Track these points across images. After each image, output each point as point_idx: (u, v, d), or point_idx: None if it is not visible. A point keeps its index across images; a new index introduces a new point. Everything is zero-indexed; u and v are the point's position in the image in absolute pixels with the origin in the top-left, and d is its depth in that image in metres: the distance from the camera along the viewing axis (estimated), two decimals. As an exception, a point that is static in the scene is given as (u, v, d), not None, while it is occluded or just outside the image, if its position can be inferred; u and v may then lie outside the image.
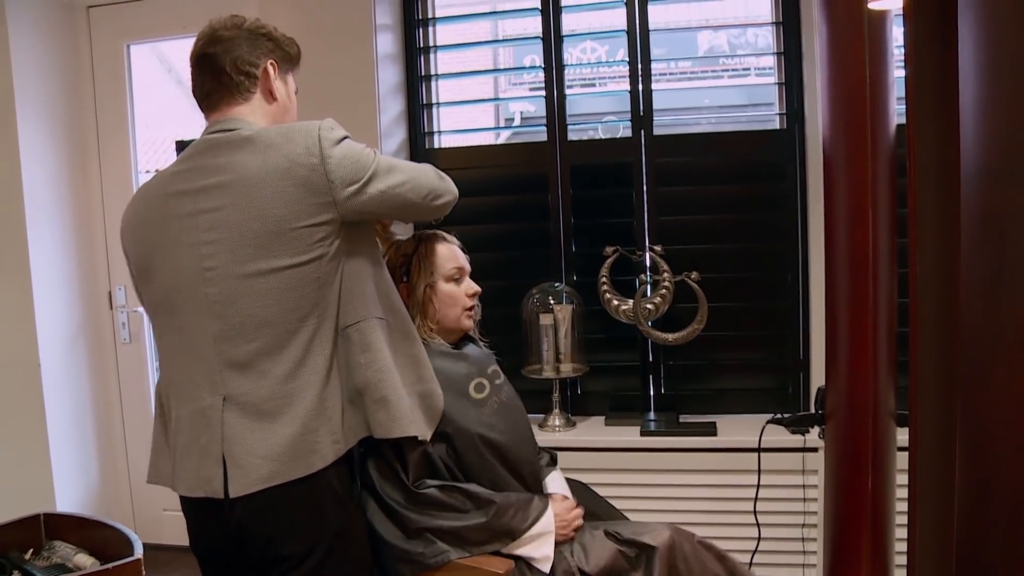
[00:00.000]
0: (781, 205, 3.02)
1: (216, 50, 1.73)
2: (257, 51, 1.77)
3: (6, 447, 3.39)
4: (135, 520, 3.75)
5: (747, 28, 5.27)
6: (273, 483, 1.62)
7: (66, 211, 3.48)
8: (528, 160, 3.30)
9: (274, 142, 1.63)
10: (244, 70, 1.74)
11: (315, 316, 1.66)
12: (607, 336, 3.17)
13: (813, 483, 2.76)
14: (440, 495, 1.86)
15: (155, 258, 1.72)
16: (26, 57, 3.30)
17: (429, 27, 3.32)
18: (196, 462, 1.67)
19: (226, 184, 1.62)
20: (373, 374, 1.71)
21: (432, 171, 1.84)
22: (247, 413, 1.64)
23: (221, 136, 1.69)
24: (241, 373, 1.64)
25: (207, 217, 1.64)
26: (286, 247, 1.61)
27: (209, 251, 1.64)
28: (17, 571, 2.15)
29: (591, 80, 7.15)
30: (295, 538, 1.66)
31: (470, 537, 1.86)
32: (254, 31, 1.78)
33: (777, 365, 3.09)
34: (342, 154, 1.64)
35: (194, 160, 1.69)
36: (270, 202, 1.60)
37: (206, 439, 1.66)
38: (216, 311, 1.64)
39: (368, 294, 1.75)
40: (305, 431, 1.64)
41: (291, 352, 1.64)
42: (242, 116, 1.74)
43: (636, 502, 2.86)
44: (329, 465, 1.67)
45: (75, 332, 3.53)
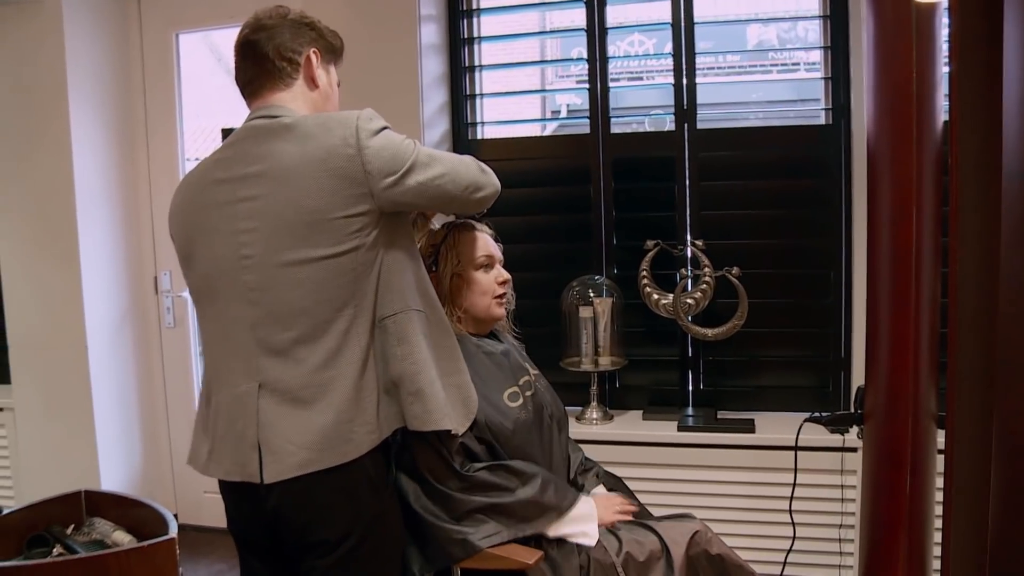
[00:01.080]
0: (825, 201, 2.98)
1: (259, 37, 1.75)
2: (300, 39, 1.78)
3: (55, 426, 3.48)
4: (176, 501, 3.83)
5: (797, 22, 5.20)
6: (307, 471, 1.63)
7: (114, 197, 3.56)
8: (570, 152, 3.29)
9: (312, 132, 1.64)
10: (287, 56, 1.76)
11: (352, 306, 1.67)
12: (646, 330, 3.16)
13: (851, 483, 2.72)
14: (489, 475, 1.87)
15: (196, 245, 1.74)
16: (79, 46, 3.37)
17: (474, 18, 3.32)
18: (233, 447, 1.69)
19: (265, 173, 1.64)
20: (409, 366, 1.71)
21: (474, 164, 1.83)
22: (283, 400, 1.66)
23: (262, 123, 1.70)
24: (277, 360, 1.66)
25: (246, 206, 1.65)
26: (323, 237, 1.62)
27: (247, 239, 1.65)
28: (59, 544, 2.21)
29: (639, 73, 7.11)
30: (330, 524, 1.68)
31: (521, 512, 1.87)
32: (297, 21, 1.79)
33: (818, 363, 3.05)
34: (380, 145, 1.64)
35: (235, 147, 1.71)
36: (307, 192, 1.61)
37: (242, 425, 1.68)
38: (253, 299, 1.66)
39: (406, 286, 1.75)
40: (339, 420, 1.65)
41: (327, 341, 1.65)
42: (284, 103, 1.75)
43: (671, 497, 2.86)
44: (365, 453, 1.68)
45: (121, 316, 3.61)
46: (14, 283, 3.50)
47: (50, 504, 2.33)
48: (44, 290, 3.44)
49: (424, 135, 3.12)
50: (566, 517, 1.94)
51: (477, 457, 1.90)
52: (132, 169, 3.66)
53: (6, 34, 3.38)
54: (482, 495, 1.86)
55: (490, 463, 1.90)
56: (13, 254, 3.49)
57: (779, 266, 3.03)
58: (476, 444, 1.90)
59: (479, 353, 2.04)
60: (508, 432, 1.95)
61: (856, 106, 2.84)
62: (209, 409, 1.80)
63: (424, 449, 1.85)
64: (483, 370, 2.01)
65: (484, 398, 1.93)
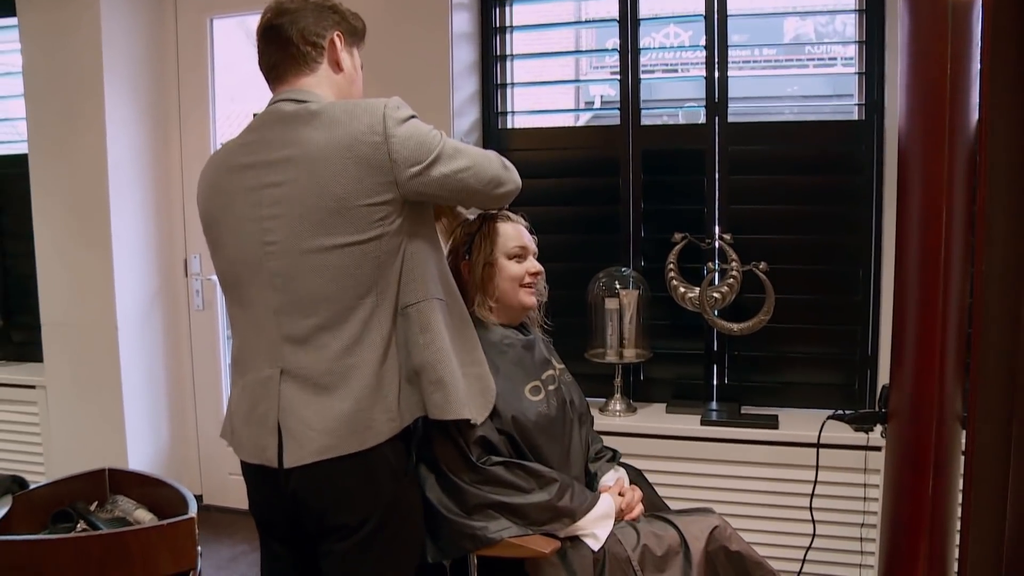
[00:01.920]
0: (856, 198, 2.95)
1: (282, 21, 1.74)
2: (323, 22, 1.78)
3: (85, 405, 3.54)
4: (201, 482, 3.88)
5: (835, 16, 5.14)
6: (326, 456, 1.65)
7: (147, 180, 3.60)
8: (600, 144, 3.28)
9: (339, 118, 1.64)
10: (311, 40, 1.76)
11: (374, 294, 1.67)
12: (672, 323, 3.15)
13: (875, 483, 2.70)
14: (505, 472, 1.87)
15: (221, 229, 1.76)
16: (115, 31, 3.41)
17: (506, 6, 3.32)
18: (254, 431, 1.71)
19: (291, 159, 1.64)
20: (431, 354, 1.72)
21: (497, 159, 1.83)
22: (304, 386, 1.67)
23: (289, 108, 1.70)
24: (299, 347, 1.67)
25: (271, 191, 1.66)
26: (346, 225, 1.62)
27: (271, 225, 1.66)
28: (82, 520, 2.25)
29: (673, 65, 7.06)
30: (349, 509, 1.69)
31: (532, 515, 1.87)
32: (320, 4, 1.79)
33: (844, 360, 3.03)
34: (406, 134, 1.64)
35: (261, 132, 1.71)
36: (332, 179, 1.61)
37: (263, 409, 1.70)
38: (277, 284, 1.67)
39: (429, 275, 1.75)
40: (359, 407, 1.66)
41: (349, 329, 1.66)
42: (309, 87, 1.75)
43: (693, 491, 2.85)
44: (384, 440, 1.70)
45: (151, 298, 3.65)
46: (48, 263, 3.56)
47: (75, 481, 2.37)
48: (77, 271, 3.50)
49: (454, 123, 3.12)
50: (582, 521, 1.94)
51: (497, 449, 1.90)
52: (165, 153, 3.70)
53: (45, 19, 3.42)
54: (495, 492, 1.86)
55: (507, 460, 1.90)
56: (48, 235, 3.54)
57: (807, 262, 3.01)
58: (496, 435, 1.90)
59: (503, 344, 2.04)
60: (529, 425, 1.95)
61: (890, 102, 2.80)
62: (234, 390, 1.82)
63: (442, 439, 1.86)
64: (506, 363, 2.01)
65: (506, 391, 1.94)
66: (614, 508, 2.00)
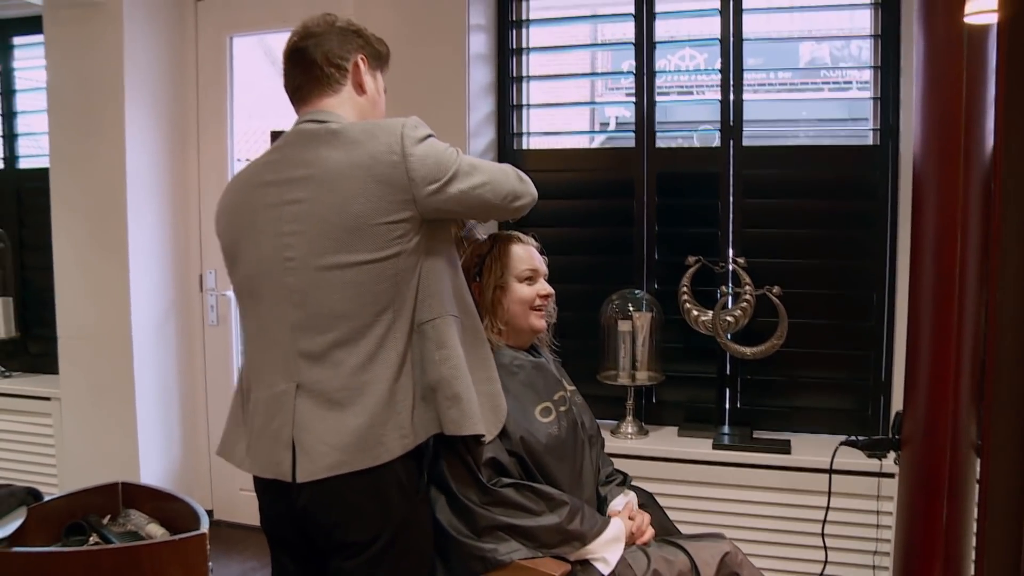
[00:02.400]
0: (871, 223, 2.94)
1: (308, 44, 1.78)
2: (348, 45, 1.81)
3: (98, 417, 3.56)
4: (212, 497, 3.88)
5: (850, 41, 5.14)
6: (338, 472, 1.65)
7: (164, 195, 3.63)
8: (615, 166, 3.29)
9: (358, 138, 1.66)
10: (335, 63, 1.79)
11: (391, 311, 1.68)
12: (685, 346, 3.14)
13: (888, 510, 2.68)
14: (515, 494, 1.87)
15: (241, 245, 1.77)
16: (137, 47, 3.46)
17: (523, 29, 3.34)
18: (268, 445, 1.72)
19: (311, 177, 1.67)
20: (448, 370, 1.72)
21: (513, 173, 1.85)
22: (319, 402, 1.68)
23: (310, 128, 1.73)
24: (315, 363, 1.68)
25: (291, 208, 1.68)
26: (365, 243, 1.64)
27: (290, 242, 1.68)
28: (95, 534, 2.26)
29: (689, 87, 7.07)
30: (359, 526, 1.70)
31: (542, 538, 1.87)
32: (345, 28, 1.83)
33: (858, 386, 3.01)
34: (424, 152, 1.66)
35: (283, 151, 1.74)
36: (351, 198, 1.63)
37: (278, 423, 1.71)
38: (294, 300, 1.69)
39: (445, 292, 1.77)
40: (373, 423, 1.67)
41: (365, 345, 1.67)
42: (331, 108, 1.78)
43: (703, 516, 2.84)
44: (396, 458, 1.70)
45: (166, 312, 3.68)
46: (66, 277, 3.59)
47: (88, 494, 2.38)
48: (93, 283, 3.52)
49: (469, 144, 3.14)
50: (592, 544, 1.93)
51: (507, 471, 1.90)
52: (182, 168, 3.73)
53: (69, 34, 3.47)
54: (505, 514, 1.85)
55: (518, 482, 1.89)
56: (66, 248, 3.58)
57: (821, 286, 3.00)
58: (506, 456, 1.89)
59: (513, 366, 2.04)
60: (539, 447, 1.94)
61: (905, 127, 2.80)
62: (247, 404, 1.83)
63: (452, 459, 1.86)
64: (517, 384, 2.00)
65: (516, 412, 1.93)
66: (624, 532, 1.99)
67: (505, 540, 1.85)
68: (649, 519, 2.12)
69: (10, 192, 3.98)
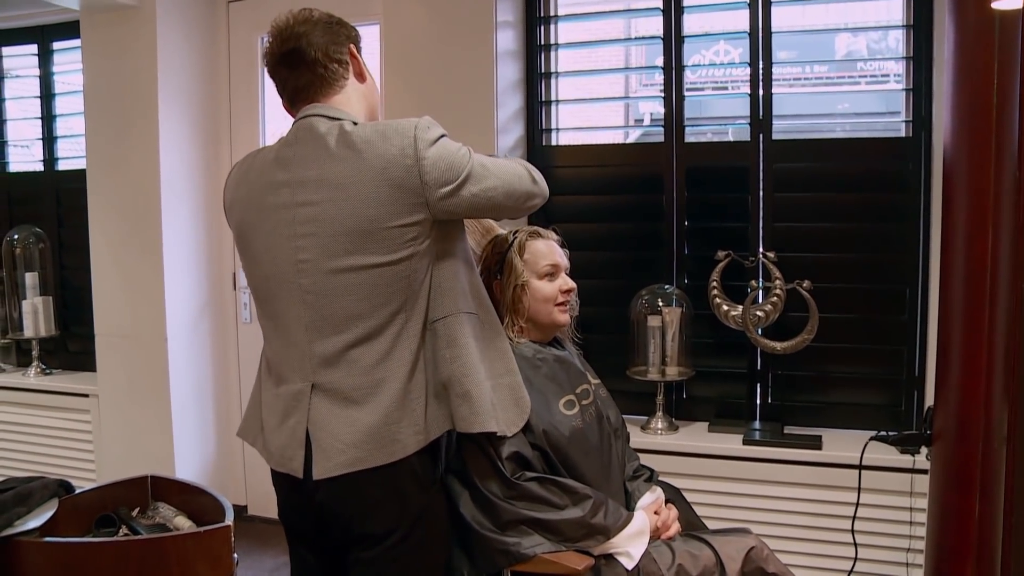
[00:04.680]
0: (903, 215, 2.90)
1: (300, 44, 1.75)
2: (337, 38, 1.79)
3: (135, 414, 3.62)
4: (247, 492, 3.93)
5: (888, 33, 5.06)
6: (354, 469, 1.67)
7: (197, 194, 3.68)
8: (644, 161, 3.27)
9: (371, 140, 1.66)
10: (335, 58, 1.77)
11: (404, 311, 1.70)
12: (715, 341, 3.12)
13: (921, 506, 2.64)
14: (538, 488, 1.87)
15: (255, 245, 1.78)
16: (170, 49, 3.51)
17: (551, 24, 3.33)
18: (284, 441, 1.75)
19: (324, 180, 1.66)
20: (457, 368, 1.73)
21: (526, 173, 1.83)
22: (334, 400, 1.70)
23: (322, 127, 1.70)
24: (330, 363, 1.70)
25: (303, 210, 1.68)
26: (378, 245, 1.65)
27: (303, 244, 1.69)
28: (124, 526, 2.31)
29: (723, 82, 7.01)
30: (376, 519, 1.72)
31: (566, 532, 1.87)
32: (327, 20, 1.80)
33: (890, 381, 2.97)
34: (436, 155, 1.66)
35: (295, 148, 1.72)
36: (364, 201, 1.63)
37: (294, 421, 1.73)
38: (308, 301, 1.70)
39: (458, 289, 1.77)
40: (387, 421, 1.68)
41: (379, 344, 1.69)
42: (339, 105, 1.77)
43: (733, 511, 2.82)
44: (411, 453, 1.71)
45: (200, 310, 3.73)
46: (103, 275, 3.65)
47: (119, 487, 2.43)
48: (129, 282, 3.59)
49: (498, 140, 3.14)
50: (616, 538, 1.92)
51: (530, 465, 1.90)
52: (215, 168, 3.77)
53: (104, 38, 3.53)
54: (528, 507, 1.86)
55: (541, 476, 1.89)
56: (103, 248, 3.64)
57: (852, 280, 2.97)
58: (529, 450, 1.89)
59: (536, 359, 2.03)
60: (563, 440, 1.94)
61: (937, 119, 2.76)
62: (266, 396, 1.86)
63: (475, 453, 1.86)
64: (540, 377, 2.00)
65: (539, 405, 1.93)
66: (648, 526, 1.99)
67: (528, 534, 1.86)
68: (676, 514, 2.11)
69: (49, 193, 4.06)
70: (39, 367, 3.97)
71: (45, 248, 3.96)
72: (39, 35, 4.01)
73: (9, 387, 3.93)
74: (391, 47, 3.24)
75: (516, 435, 1.85)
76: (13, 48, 4.16)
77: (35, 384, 3.89)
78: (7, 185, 4.21)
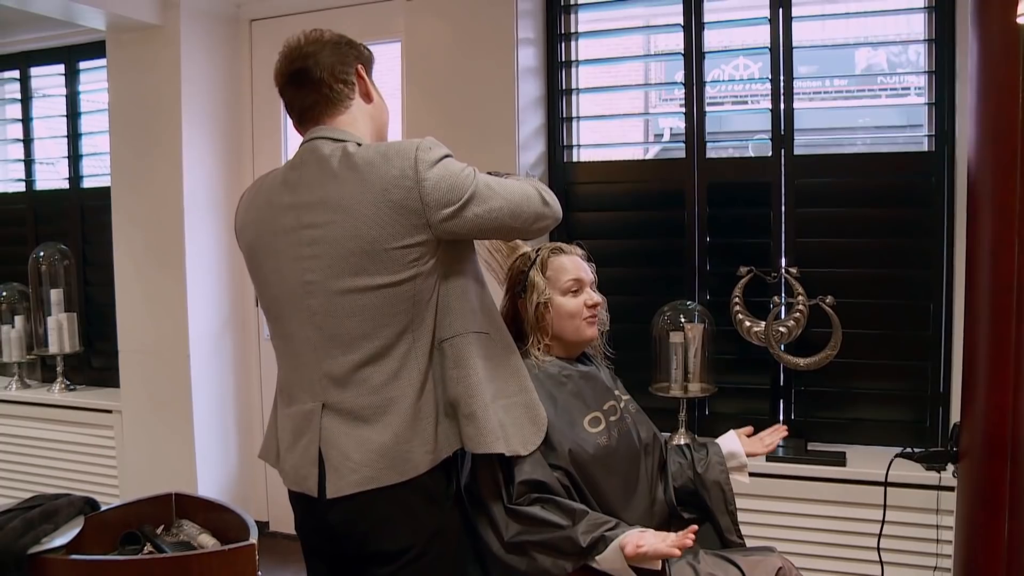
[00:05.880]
0: (926, 230, 2.88)
1: (308, 64, 1.76)
2: (345, 58, 1.79)
3: (157, 430, 3.64)
4: (268, 508, 3.94)
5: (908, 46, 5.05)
6: (366, 488, 1.68)
7: (220, 211, 3.71)
8: (665, 177, 3.28)
9: (374, 161, 1.66)
10: (341, 78, 1.78)
11: (411, 331, 1.70)
12: (737, 357, 3.11)
13: (948, 524, 2.61)
14: (537, 511, 1.83)
15: (265, 266, 1.80)
16: (193, 67, 3.55)
17: (572, 41, 3.35)
18: (297, 460, 1.77)
19: (327, 201, 1.67)
20: (463, 389, 1.73)
21: (536, 194, 1.81)
22: (344, 419, 1.71)
23: (326, 149, 1.72)
24: (340, 382, 1.71)
25: (308, 232, 1.69)
26: (381, 267, 1.65)
27: (310, 265, 1.70)
28: (149, 543, 2.31)
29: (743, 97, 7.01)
30: (389, 537, 1.72)
31: (564, 547, 1.82)
32: (336, 41, 1.80)
33: (915, 397, 2.95)
34: (438, 176, 1.65)
35: (300, 171, 1.74)
36: (366, 223, 1.64)
37: (306, 440, 1.74)
38: (316, 322, 1.71)
39: (467, 309, 1.77)
40: (398, 440, 1.69)
41: (388, 363, 1.69)
42: (344, 126, 1.78)
43: (757, 528, 2.80)
44: (422, 472, 1.71)
45: (222, 326, 3.75)
46: (127, 292, 3.68)
47: (144, 504, 2.43)
48: (152, 298, 3.62)
49: (519, 157, 3.14)
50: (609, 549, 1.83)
51: (548, 488, 1.87)
52: (238, 185, 3.80)
53: (129, 57, 3.58)
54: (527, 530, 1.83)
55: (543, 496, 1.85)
56: (127, 264, 3.68)
57: (876, 296, 2.95)
58: (548, 472, 1.86)
59: (561, 376, 2.01)
60: (587, 457, 1.92)
61: (960, 133, 2.74)
62: (280, 417, 1.87)
63: (484, 471, 1.86)
64: (565, 394, 1.99)
65: (564, 423, 1.92)
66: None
67: (532, 559, 1.84)
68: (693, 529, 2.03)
69: (74, 211, 4.11)
70: (63, 383, 4.00)
71: (70, 265, 4.00)
72: (66, 55, 4.07)
73: (33, 403, 3.96)
74: (412, 64, 3.25)
75: (535, 457, 1.84)
76: (41, 68, 4.23)
77: (59, 400, 3.92)
78: (33, 203, 4.27)
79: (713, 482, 2.12)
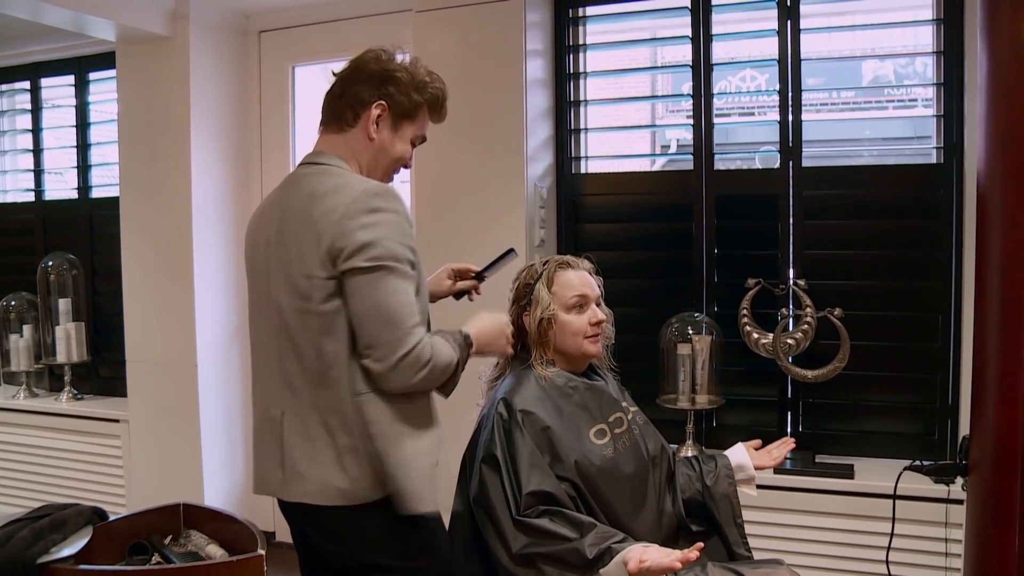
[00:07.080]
0: (936, 242, 2.88)
1: (346, 74, 1.82)
2: (372, 90, 1.79)
3: (165, 440, 3.65)
4: (275, 519, 3.91)
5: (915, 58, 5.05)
6: (315, 502, 1.72)
7: (228, 222, 3.72)
8: (673, 188, 3.27)
9: (326, 193, 1.70)
10: (352, 104, 1.80)
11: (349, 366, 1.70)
12: (745, 369, 3.10)
13: (957, 537, 2.60)
14: (546, 524, 1.83)
15: (251, 279, 1.87)
16: (203, 79, 3.57)
17: (580, 53, 3.35)
18: (261, 463, 1.84)
19: (287, 220, 1.74)
20: (381, 446, 1.70)
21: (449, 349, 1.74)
22: (298, 431, 1.74)
23: (308, 170, 1.79)
24: (295, 395, 1.74)
25: (274, 249, 1.76)
26: (314, 292, 1.68)
27: (274, 280, 1.75)
28: (157, 553, 2.32)
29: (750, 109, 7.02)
30: (360, 554, 1.76)
31: (571, 559, 1.82)
32: (383, 70, 1.79)
33: (923, 409, 2.94)
34: (361, 225, 1.64)
35: (283, 190, 1.82)
36: (304, 248, 1.69)
37: (271, 445, 1.79)
38: (277, 334, 1.76)
39: None
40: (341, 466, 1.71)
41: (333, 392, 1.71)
42: (330, 149, 1.82)
43: (765, 541, 2.79)
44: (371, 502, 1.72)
45: (230, 336, 3.76)
46: (135, 302, 3.69)
47: (152, 514, 2.44)
48: (160, 308, 3.62)
49: (528, 168, 3.14)
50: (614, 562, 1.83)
51: (556, 499, 1.87)
52: (246, 196, 3.81)
53: (139, 68, 3.60)
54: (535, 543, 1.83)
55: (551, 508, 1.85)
56: (135, 274, 3.68)
57: (884, 308, 2.94)
58: (556, 483, 1.87)
59: (567, 388, 2.02)
60: (593, 470, 1.92)
61: (969, 144, 2.74)
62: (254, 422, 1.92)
63: (491, 482, 1.86)
64: (571, 406, 1.99)
65: (570, 435, 1.92)
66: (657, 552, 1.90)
67: (540, 572, 1.83)
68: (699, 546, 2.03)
69: (83, 220, 4.12)
70: (71, 392, 4.01)
71: (78, 274, 4.02)
72: (76, 66, 4.09)
73: (41, 412, 3.97)
74: (421, 76, 3.23)
75: (543, 469, 1.85)
76: (51, 79, 4.25)
77: (67, 409, 3.93)
78: (43, 212, 4.28)
79: (722, 495, 2.12)
